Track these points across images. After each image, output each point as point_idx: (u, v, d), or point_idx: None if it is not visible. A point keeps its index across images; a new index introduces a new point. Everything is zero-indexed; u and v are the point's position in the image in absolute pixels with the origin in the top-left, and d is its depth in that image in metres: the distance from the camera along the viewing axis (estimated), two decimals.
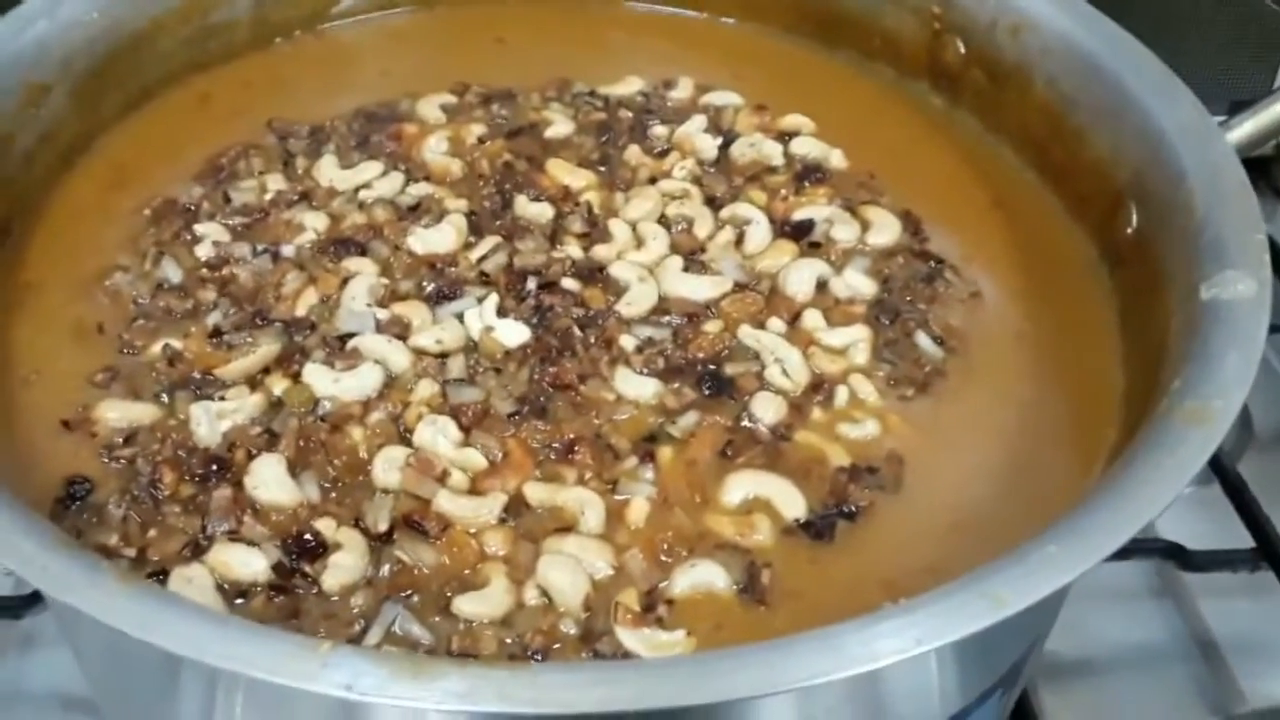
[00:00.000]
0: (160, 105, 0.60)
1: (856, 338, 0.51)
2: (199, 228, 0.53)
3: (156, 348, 0.48)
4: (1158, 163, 0.50)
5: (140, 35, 0.58)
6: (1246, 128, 0.50)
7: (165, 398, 0.46)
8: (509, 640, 0.39)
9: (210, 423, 0.45)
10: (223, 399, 0.46)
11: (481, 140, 0.59)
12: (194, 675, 0.37)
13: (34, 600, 0.60)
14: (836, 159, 0.60)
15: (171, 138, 0.58)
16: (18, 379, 0.47)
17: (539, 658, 0.39)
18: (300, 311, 0.50)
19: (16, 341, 0.48)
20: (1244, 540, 0.67)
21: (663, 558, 0.42)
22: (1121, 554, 0.46)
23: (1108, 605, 0.70)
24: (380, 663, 0.31)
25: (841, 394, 0.48)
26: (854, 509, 0.44)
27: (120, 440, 0.44)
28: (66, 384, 0.47)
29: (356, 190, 0.56)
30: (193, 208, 0.54)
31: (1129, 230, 0.51)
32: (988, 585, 0.33)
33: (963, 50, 0.62)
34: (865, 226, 0.56)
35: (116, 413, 0.45)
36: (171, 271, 0.51)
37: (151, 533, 0.41)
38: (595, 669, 0.36)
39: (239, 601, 0.40)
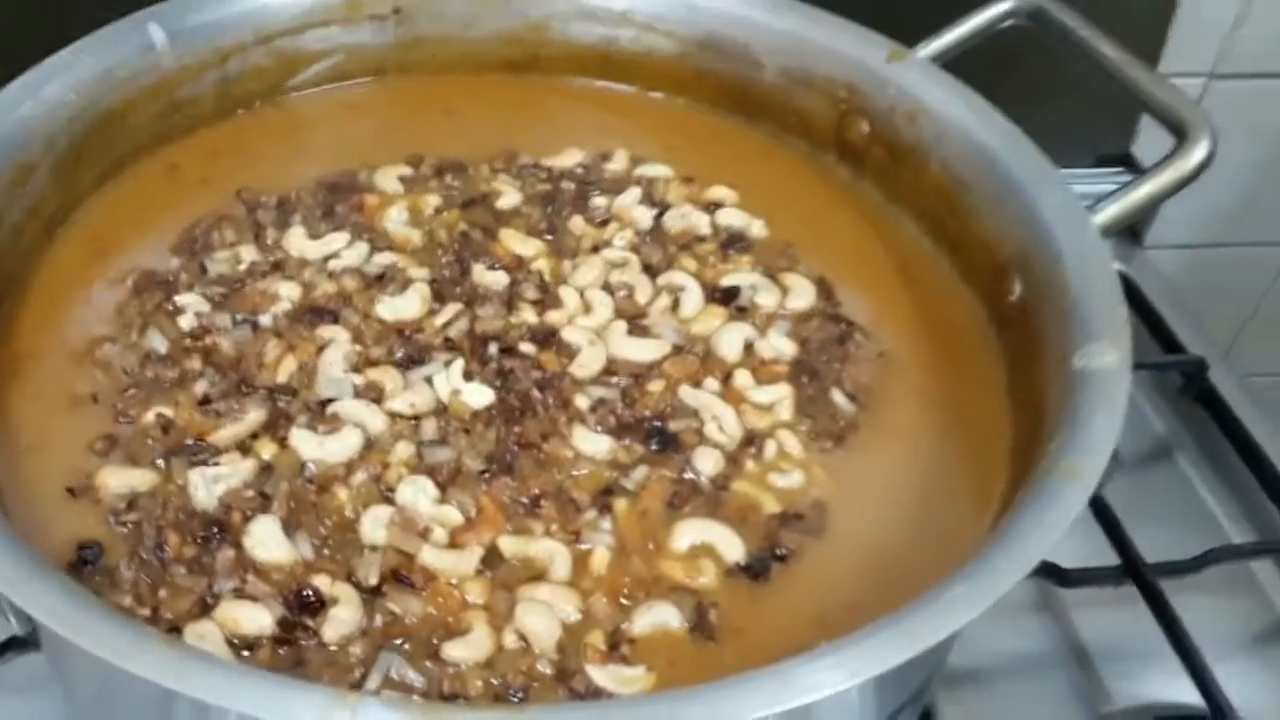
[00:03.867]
0: (131, 176, 0.63)
1: (781, 395, 0.57)
2: (179, 299, 0.57)
3: (150, 416, 0.52)
4: (1037, 243, 0.58)
5: (114, 113, 0.61)
6: (1111, 211, 0.58)
7: (162, 463, 0.50)
8: (494, 681, 0.45)
9: (207, 487, 0.49)
10: (216, 464, 0.50)
11: (438, 210, 0.64)
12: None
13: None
14: (757, 228, 0.66)
15: (144, 207, 0.62)
16: (20, 449, 0.50)
17: (520, 696, 0.44)
18: (281, 378, 0.54)
19: (15, 411, 0.51)
20: (1111, 559, 0.77)
21: (623, 600, 0.48)
22: None
23: (995, 621, 0.78)
24: (402, 709, 0.37)
25: (770, 447, 0.55)
26: (785, 552, 0.51)
27: (124, 505, 0.48)
28: (67, 452, 0.50)
29: (325, 260, 0.60)
30: (171, 279, 0.58)
31: (1012, 298, 0.59)
32: (907, 624, 0.40)
33: (866, 130, 0.69)
34: (785, 292, 0.63)
35: (118, 479, 0.49)
36: (157, 342, 0.55)
37: (162, 593, 0.45)
38: (583, 709, 0.41)
39: (246, 654, 0.44)
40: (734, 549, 0.50)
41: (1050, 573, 0.76)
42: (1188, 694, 0.71)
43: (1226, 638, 0.75)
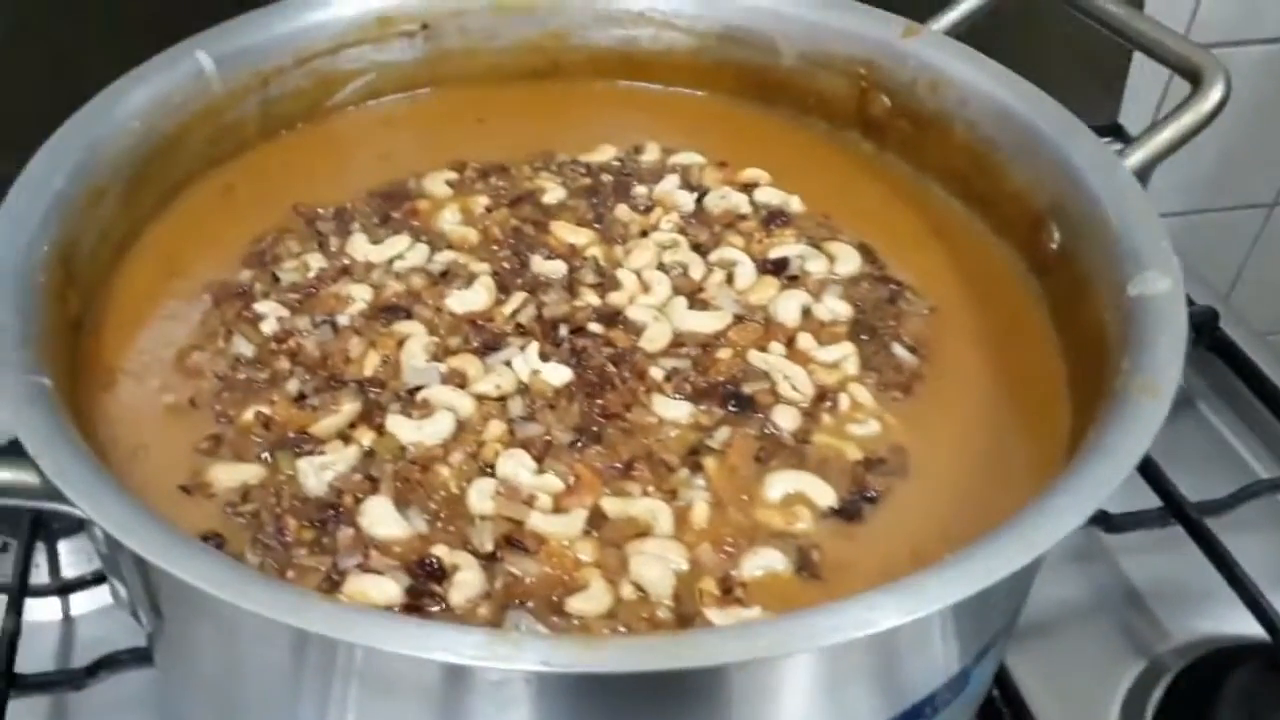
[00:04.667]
0: (190, 198, 0.65)
1: (845, 353, 0.60)
2: (258, 306, 0.58)
3: (249, 414, 0.53)
4: (1073, 189, 0.60)
5: (170, 137, 0.63)
6: (1139, 154, 0.61)
7: (268, 457, 0.52)
8: (620, 630, 0.46)
9: (316, 474, 0.50)
10: (321, 453, 0.52)
11: (488, 210, 0.66)
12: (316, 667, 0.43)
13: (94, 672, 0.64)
14: (795, 204, 0.69)
15: (206, 226, 0.64)
16: (125, 454, 0.51)
17: None
18: (368, 372, 0.56)
19: (115, 421, 0.53)
20: (1151, 502, 0.79)
21: (727, 549, 0.50)
22: None
23: (1047, 572, 0.81)
24: (560, 643, 0.38)
25: (844, 400, 0.57)
26: (875, 494, 0.53)
27: (239, 498, 0.50)
28: (174, 454, 0.51)
29: (390, 262, 0.62)
30: (247, 289, 0.60)
31: (1053, 245, 0.62)
32: (1019, 531, 0.42)
33: (888, 104, 0.72)
34: (831, 259, 0.65)
35: (228, 474, 0.50)
36: (244, 347, 0.56)
37: (290, 574, 0.47)
38: (728, 629, 0.43)
39: None
40: (825, 495, 0.52)
41: (1097, 519, 0.79)
42: (1243, 626, 0.74)
43: (1273, 570, 0.77)
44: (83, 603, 0.73)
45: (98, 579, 0.70)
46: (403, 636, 0.38)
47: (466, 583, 0.47)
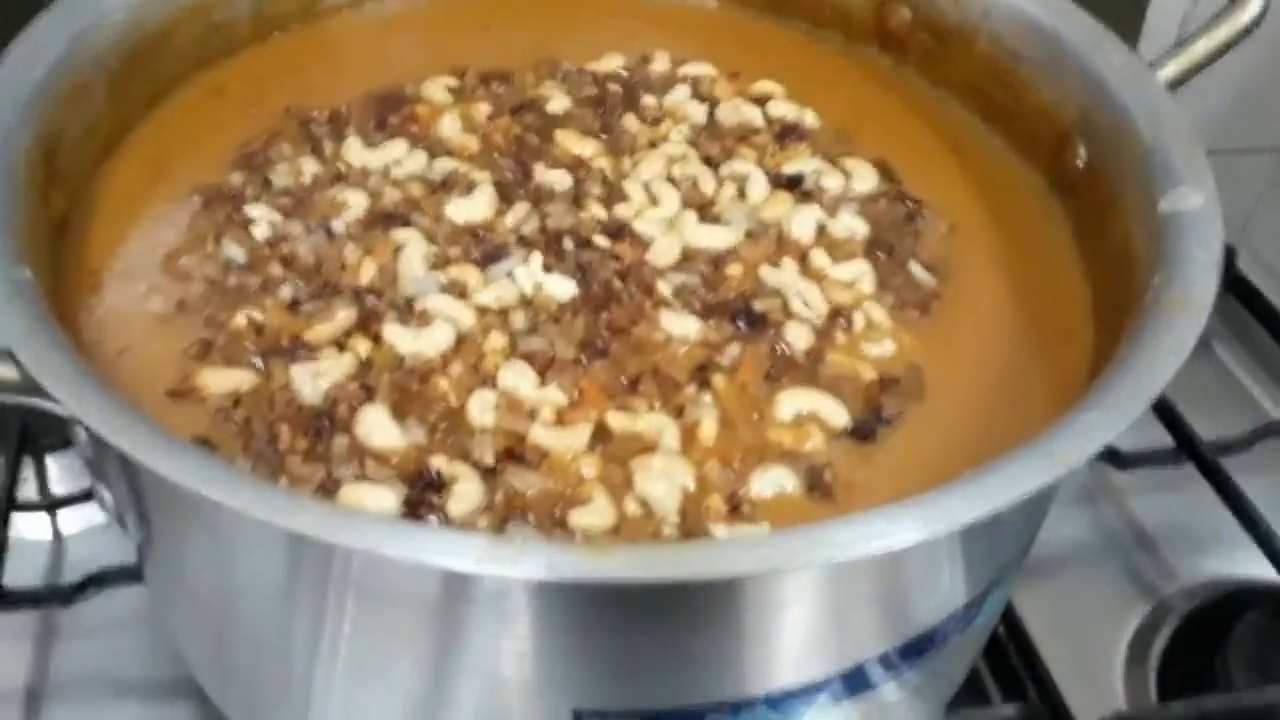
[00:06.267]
0: (179, 98, 0.62)
1: (861, 271, 0.57)
2: (249, 210, 0.56)
3: (241, 320, 0.51)
4: (1102, 102, 0.58)
5: (159, 33, 0.60)
6: (1171, 68, 0.58)
7: (260, 363, 0.49)
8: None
9: (311, 382, 0.48)
10: (315, 360, 0.49)
11: (490, 117, 0.64)
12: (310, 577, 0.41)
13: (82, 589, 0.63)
14: (810, 119, 0.66)
15: (196, 128, 0.61)
16: (109, 356, 0.49)
17: None
18: (364, 281, 0.53)
19: (103, 324, 0.50)
20: (1164, 441, 0.78)
21: (736, 466, 0.48)
22: None
23: (1057, 510, 0.79)
24: (565, 549, 0.36)
25: (858, 319, 0.55)
26: (890, 415, 0.51)
27: (230, 404, 0.48)
28: (161, 358, 0.49)
29: (387, 168, 0.59)
30: (237, 193, 0.57)
31: (1079, 163, 0.60)
32: (1047, 448, 0.40)
33: (908, 16, 0.69)
34: (847, 176, 0.62)
35: (219, 380, 0.48)
36: (235, 252, 0.54)
37: (282, 481, 0.45)
38: (741, 541, 0.42)
39: None
40: (838, 415, 0.50)
41: (1108, 456, 0.77)
42: (1252, 568, 0.73)
43: None
44: (72, 521, 0.72)
45: (87, 496, 0.69)
46: (400, 540, 0.36)
47: (466, 494, 0.45)
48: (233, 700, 0.53)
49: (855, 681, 0.47)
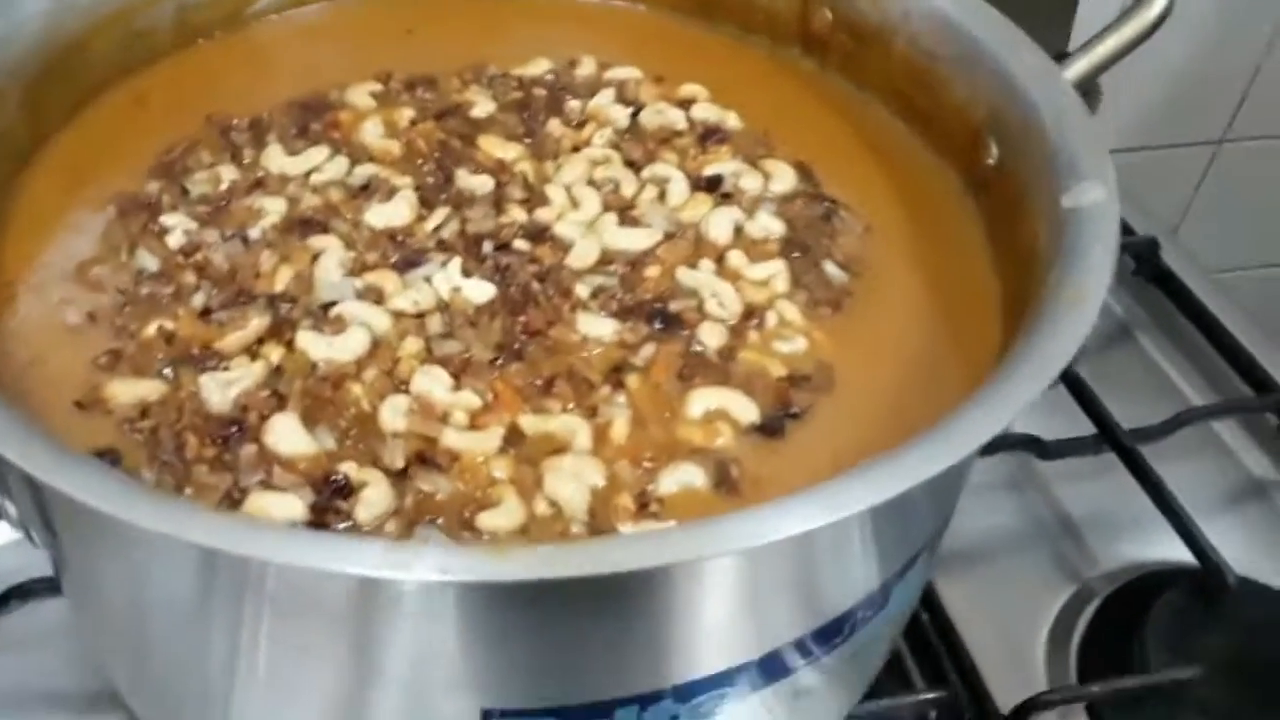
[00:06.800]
0: (100, 107, 0.62)
1: (775, 270, 0.58)
2: (165, 219, 0.56)
3: (151, 329, 0.51)
4: (1010, 102, 0.59)
5: (77, 41, 0.60)
6: (1080, 65, 0.60)
7: (170, 373, 0.50)
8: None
9: (221, 390, 0.48)
10: (226, 369, 0.50)
11: (413, 122, 0.64)
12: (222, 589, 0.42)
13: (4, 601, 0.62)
14: (732, 120, 0.67)
15: (116, 136, 0.61)
16: (19, 367, 0.49)
17: None
18: (279, 287, 0.53)
19: (13, 336, 0.50)
20: (1086, 429, 0.79)
21: (646, 465, 0.49)
22: (988, 449, 0.54)
23: (980, 500, 0.81)
24: (458, 551, 0.37)
25: (771, 317, 0.56)
26: (798, 410, 0.52)
27: (137, 414, 0.48)
28: (70, 369, 0.49)
29: (307, 174, 0.59)
30: (154, 201, 0.57)
31: (990, 161, 0.61)
32: (942, 435, 0.41)
33: (829, 18, 0.70)
34: (766, 177, 0.63)
35: (127, 390, 0.48)
36: (148, 261, 0.54)
37: (187, 491, 0.45)
38: (636, 536, 0.42)
39: None
40: (748, 411, 0.51)
41: (1030, 444, 0.79)
42: (1173, 552, 0.74)
43: (1203, 497, 0.78)
44: None
45: None
46: (295, 547, 0.36)
47: (374, 499, 0.45)
48: (155, 714, 0.54)
49: (771, 669, 0.48)
